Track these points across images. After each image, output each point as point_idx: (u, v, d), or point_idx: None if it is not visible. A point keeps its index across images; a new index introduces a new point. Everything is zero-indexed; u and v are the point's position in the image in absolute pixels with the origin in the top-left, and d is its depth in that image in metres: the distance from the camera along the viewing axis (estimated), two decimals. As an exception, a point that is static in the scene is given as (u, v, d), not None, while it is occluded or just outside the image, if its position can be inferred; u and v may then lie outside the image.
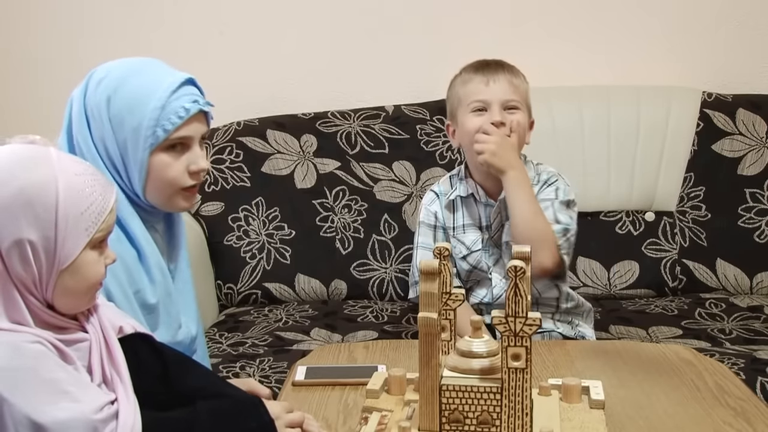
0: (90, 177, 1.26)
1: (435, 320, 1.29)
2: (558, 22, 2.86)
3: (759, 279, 2.57)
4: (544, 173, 2.08)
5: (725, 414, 1.46)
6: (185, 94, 1.58)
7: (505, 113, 2.02)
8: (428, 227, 2.13)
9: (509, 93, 2.03)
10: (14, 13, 2.87)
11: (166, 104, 1.56)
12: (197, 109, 1.59)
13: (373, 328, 2.35)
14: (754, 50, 2.85)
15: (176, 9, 2.87)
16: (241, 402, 1.35)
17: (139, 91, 1.57)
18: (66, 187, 1.22)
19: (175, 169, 1.59)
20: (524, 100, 2.06)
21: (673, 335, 2.29)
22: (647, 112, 2.70)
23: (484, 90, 2.03)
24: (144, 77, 1.59)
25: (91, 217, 1.24)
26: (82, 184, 1.24)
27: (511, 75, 2.05)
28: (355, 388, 1.56)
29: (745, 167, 2.64)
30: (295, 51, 2.88)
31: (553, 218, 2.00)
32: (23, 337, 1.21)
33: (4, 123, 2.85)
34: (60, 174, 1.23)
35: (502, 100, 2.02)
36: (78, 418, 1.19)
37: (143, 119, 1.55)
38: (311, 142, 2.69)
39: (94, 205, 1.24)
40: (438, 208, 2.12)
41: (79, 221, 1.23)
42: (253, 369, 2.07)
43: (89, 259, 1.25)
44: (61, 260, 1.22)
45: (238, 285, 2.56)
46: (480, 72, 2.05)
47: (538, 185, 2.05)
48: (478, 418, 1.30)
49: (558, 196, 2.04)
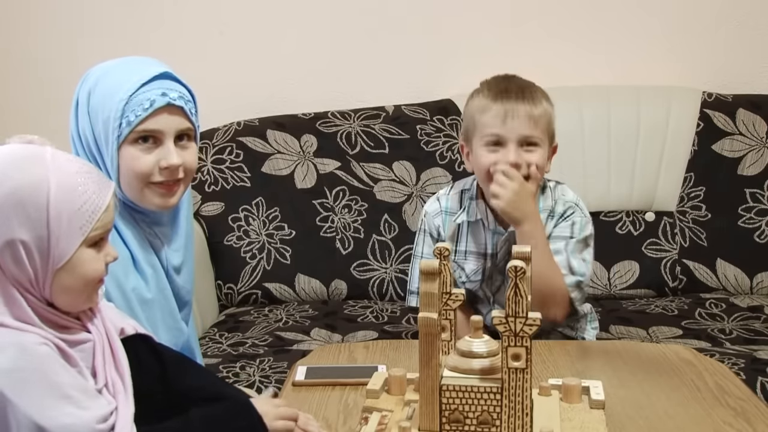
0: (85, 175, 1.25)
1: (435, 320, 1.29)
2: (558, 22, 2.86)
3: (759, 279, 2.57)
4: (560, 203, 1.96)
5: (725, 414, 1.46)
6: (156, 88, 1.57)
7: (522, 151, 1.88)
8: (431, 239, 2.03)
9: (528, 129, 1.88)
10: (14, 13, 2.87)
11: (133, 96, 1.55)
12: (164, 102, 1.56)
13: (373, 328, 2.35)
14: (754, 50, 2.85)
15: (176, 9, 2.87)
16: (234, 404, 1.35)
17: (113, 85, 1.57)
18: (58, 185, 1.22)
19: (143, 163, 1.57)
20: (545, 130, 1.91)
21: (673, 335, 2.29)
22: (647, 112, 2.70)
23: (500, 125, 1.88)
24: (121, 72, 1.60)
25: (85, 215, 1.23)
26: (75, 183, 1.23)
27: (532, 105, 1.88)
28: (355, 388, 1.56)
29: (746, 167, 2.64)
30: (295, 51, 2.88)
31: (566, 266, 1.89)
32: (30, 338, 1.20)
33: (4, 123, 2.85)
34: (52, 173, 1.22)
35: (520, 138, 1.88)
36: (80, 426, 1.19)
37: (111, 112, 1.55)
38: (311, 142, 2.69)
39: (88, 203, 1.23)
40: (441, 223, 2.02)
41: (73, 220, 1.22)
42: (253, 369, 2.07)
43: (86, 257, 1.25)
44: (56, 259, 1.22)
45: (238, 285, 2.56)
46: (499, 101, 1.89)
47: (553, 219, 1.95)
48: (478, 418, 1.30)
49: (573, 233, 1.93)
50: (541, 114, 1.89)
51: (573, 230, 1.93)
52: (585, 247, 1.94)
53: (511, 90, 1.91)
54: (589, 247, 1.95)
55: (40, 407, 1.17)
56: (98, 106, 1.57)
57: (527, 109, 1.88)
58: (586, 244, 1.94)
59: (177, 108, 1.59)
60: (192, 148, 1.64)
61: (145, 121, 1.55)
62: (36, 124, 2.82)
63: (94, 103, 1.58)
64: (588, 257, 1.94)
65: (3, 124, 2.85)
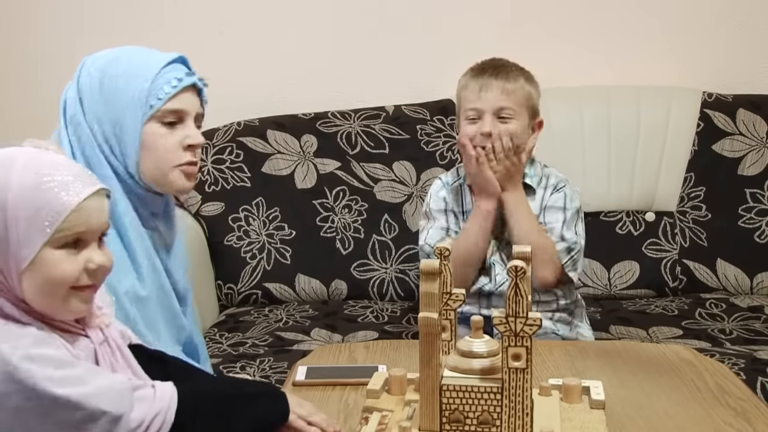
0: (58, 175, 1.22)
1: (435, 320, 1.29)
2: (558, 22, 2.86)
3: (759, 279, 2.57)
4: (552, 177, 2.11)
5: (725, 414, 1.46)
6: (178, 69, 1.62)
7: (498, 122, 2.03)
8: (440, 212, 2.14)
9: (501, 101, 2.03)
10: (14, 13, 2.87)
11: (160, 75, 1.59)
12: (191, 81, 1.61)
13: (374, 328, 2.35)
14: (754, 50, 2.86)
15: (176, 9, 2.87)
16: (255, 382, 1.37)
17: (132, 67, 1.60)
18: (19, 186, 1.20)
19: (169, 141, 1.60)
20: (522, 104, 2.05)
21: (673, 335, 2.29)
22: (647, 113, 2.70)
23: (476, 99, 2.04)
24: (136, 56, 1.63)
25: (48, 215, 1.20)
26: (39, 182, 1.20)
27: (505, 80, 2.04)
28: (355, 388, 1.56)
29: (746, 167, 2.64)
30: (296, 51, 2.88)
31: (558, 235, 2.04)
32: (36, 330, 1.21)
33: (4, 123, 2.85)
34: (16, 173, 1.20)
35: (494, 109, 2.03)
36: (115, 384, 1.20)
37: (136, 91, 1.57)
38: (311, 142, 2.69)
39: (53, 203, 1.20)
40: (446, 194, 2.14)
41: (33, 219, 1.20)
42: (253, 369, 2.08)
43: (53, 258, 1.21)
44: (18, 260, 1.20)
45: (238, 285, 2.56)
46: (475, 78, 2.06)
47: (545, 189, 2.09)
48: (478, 418, 1.30)
49: (566, 204, 2.07)
50: (516, 88, 2.04)
51: (566, 202, 2.08)
52: (576, 219, 2.08)
53: (487, 68, 2.08)
54: (580, 219, 2.10)
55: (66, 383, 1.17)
56: (118, 88, 1.58)
57: (500, 84, 2.04)
58: (577, 215, 2.09)
59: (197, 90, 1.64)
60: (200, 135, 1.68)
61: (172, 100, 1.59)
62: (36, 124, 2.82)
63: (110, 86, 1.59)
64: (580, 230, 2.09)
65: (3, 124, 2.85)
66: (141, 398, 1.23)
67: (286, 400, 1.35)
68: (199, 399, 1.29)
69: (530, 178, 2.10)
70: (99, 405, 1.18)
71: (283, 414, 1.34)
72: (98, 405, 1.18)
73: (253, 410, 1.32)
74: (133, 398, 1.22)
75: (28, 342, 1.18)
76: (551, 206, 2.08)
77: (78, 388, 1.17)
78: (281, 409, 1.34)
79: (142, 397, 1.23)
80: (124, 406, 1.20)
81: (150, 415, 1.22)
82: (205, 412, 1.28)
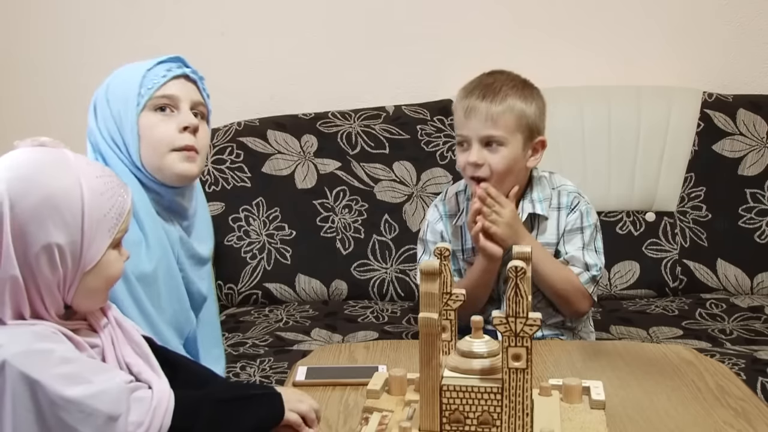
0: (108, 178, 1.29)
1: (435, 320, 1.29)
2: (558, 22, 2.86)
3: (759, 279, 2.57)
4: (563, 194, 2.00)
5: (726, 414, 1.46)
6: (171, 63, 1.68)
7: (485, 151, 1.90)
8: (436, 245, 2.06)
9: (486, 128, 1.89)
10: (15, 14, 2.87)
11: (152, 70, 1.65)
12: (180, 72, 1.67)
13: (374, 329, 2.35)
14: (754, 50, 2.86)
15: (177, 9, 2.87)
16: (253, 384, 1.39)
17: (130, 68, 1.67)
18: (89, 190, 1.25)
19: (164, 127, 1.64)
20: (512, 129, 1.90)
21: (673, 335, 2.29)
22: (648, 113, 2.70)
23: (462, 125, 1.93)
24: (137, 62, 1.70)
25: (113, 218, 1.27)
26: (103, 187, 1.27)
27: (491, 102, 1.89)
28: (355, 388, 1.56)
29: (746, 167, 2.64)
30: (296, 51, 2.88)
31: (582, 263, 1.97)
32: (41, 327, 1.22)
33: (3, 123, 2.85)
34: (83, 178, 1.25)
35: (480, 137, 1.90)
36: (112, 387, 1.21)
37: (130, 86, 1.64)
38: (312, 143, 2.69)
39: (116, 207, 1.27)
40: (443, 228, 2.04)
41: (102, 223, 1.25)
42: (253, 369, 2.08)
43: (111, 258, 1.28)
44: (86, 262, 1.25)
45: (238, 285, 2.56)
46: (464, 99, 1.93)
47: (558, 210, 1.99)
48: (478, 418, 1.30)
49: (583, 223, 1.98)
50: (503, 111, 1.89)
51: (582, 221, 1.98)
52: (596, 235, 2.00)
53: (478, 89, 1.93)
54: (598, 233, 2.01)
55: (66, 380, 1.18)
56: (116, 88, 1.66)
57: (485, 108, 1.90)
58: (596, 230, 2.01)
59: (191, 80, 1.69)
60: (204, 127, 1.70)
61: (162, 88, 1.64)
62: (37, 125, 2.83)
63: (112, 88, 1.66)
64: (599, 245, 2.01)
65: (3, 124, 2.85)
66: (139, 399, 1.24)
67: (281, 399, 1.37)
68: (196, 403, 1.30)
69: (539, 203, 1.98)
70: (97, 405, 1.18)
71: (278, 414, 1.36)
72: (97, 405, 1.18)
73: (250, 413, 1.33)
74: (131, 400, 1.23)
75: (29, 338, 1.20)
76: (569, 229, 1.98)
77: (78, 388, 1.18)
78: (277, 409, 1.36)
79: (139, 398, 1.24)
80: (122, 408, 1.21)
81: (147, 419, 1.23)
82: (203, 416, 1.29)
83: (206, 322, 1.78)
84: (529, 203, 1.98)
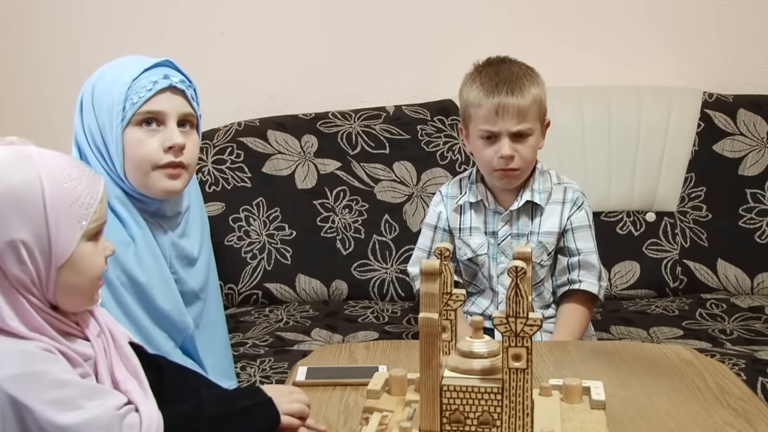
0: (74, 169, 1.25)
1: (436, 321, 1.29)
2: (558, 22, 2.86)
3: (760, 279, 2.57)
4: (570, 190, 2.07)
5: (726, 414, 1.46)
6: (157, 73, 1.62)
7: (516, 144, 1.98)
8: (429, 228, 2.14)
9: (519, 123, 1.97)
10: (16, 14, 2.87)
11: (137, 80, 1.60)
12: (166, 84, 1.61)
13: (374, 329, 2.35)
14: (754, 50, 2.86)
15: (178, 10, 2.87)
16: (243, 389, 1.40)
17: (115, 74, 1.62)
18: (50, 181, 1.21)
19: (148, 145, 1.60)
20: (536, 117, 2.00)
21: (673, 336, 2.29)
22: (648, 113, 2.70)
23: (492, 122, 1.98)
24: (122, 64, 1.64)
25: (81, 208, 1.23)
26: (67, 177, 1.23)
27: (521, 97, 1.97)
28: (355, 388, 1.56)
29: (746, 168, 2.64)
30: (296, 51, 2.88)
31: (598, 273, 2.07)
32: (33, 345, 1.20)
33: (4, 123, 2.85)
34: (43, 170, 1.22)
35: (512, 132, 1.98)
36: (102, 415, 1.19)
37: (114, 97, 1.59)
38: (312, 143, 2.69)
39: (83, 197, 1.23)
40: (443, 209, 2.12)
41: (69, 214, 1.22)
42: (253, 369, 2.08)
43: (87, 251, 1.24)
44: (57, 256, 1.21)
45: (238, 285, 2.56)
46: (489, 96, 1.98)
47: (562, 204, 2.06)
48: (478, 418, 1.30)
49: (589, 221, 2.07)
50: (531, 103, 1.98)
51: (588, 219, 2.07)
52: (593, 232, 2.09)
53: (502, 84, 1.99)
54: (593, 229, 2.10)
55: (57, 406, 1.16)
56: (102, 95, 1.61)
57: (516, 103, 1.97)
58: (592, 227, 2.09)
59: (179, 91, 1.63)
60: (194, 137, 1.66)
61: (147, 103, 1.59)
62: (37, 125, 2.83)
63: (97, 94, 1.62)
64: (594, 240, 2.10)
65: (3, 124, 2.85)
66: (129, 426, 1.22)
67: (273, 406, 1.36)
68: (189, 421, 1.29)
69: (538, 194, 2.05)
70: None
71: (274, 421, 1.35)
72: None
73: (245, 425, 1.33)
74: (122, 426, 1.21)
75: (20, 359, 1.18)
76: (578, 227, 2.05)
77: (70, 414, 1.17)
78: (272, 418, 1.35)
79: (130, 425, 1.22)
80: None
81: None
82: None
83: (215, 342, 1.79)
84: (529, 192, 2.05)
